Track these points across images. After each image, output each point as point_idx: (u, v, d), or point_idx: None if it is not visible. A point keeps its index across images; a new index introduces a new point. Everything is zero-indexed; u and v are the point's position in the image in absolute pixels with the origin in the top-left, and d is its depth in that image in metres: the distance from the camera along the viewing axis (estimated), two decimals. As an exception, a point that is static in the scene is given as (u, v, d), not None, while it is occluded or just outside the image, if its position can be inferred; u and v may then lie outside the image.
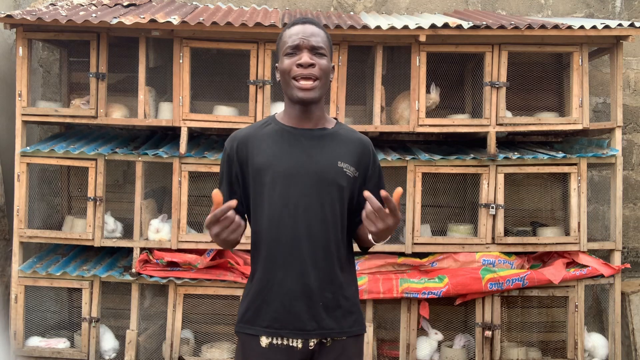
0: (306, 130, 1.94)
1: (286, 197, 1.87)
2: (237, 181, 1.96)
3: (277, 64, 1.96)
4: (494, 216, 3.80)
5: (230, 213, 1.73)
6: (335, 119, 2.07)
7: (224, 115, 3.87)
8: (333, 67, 1.98)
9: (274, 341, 1.88)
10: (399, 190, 1.72)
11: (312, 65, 1.86)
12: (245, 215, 2.00)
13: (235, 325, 1.97)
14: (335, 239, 1.90)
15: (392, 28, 3.64)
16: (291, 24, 1.93)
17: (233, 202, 1.73)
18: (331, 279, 1.90)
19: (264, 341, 1.89)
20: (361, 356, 2.00)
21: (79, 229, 3.86)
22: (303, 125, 1.95)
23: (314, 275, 1.87)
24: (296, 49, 1.87)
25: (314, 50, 1.87)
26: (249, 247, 3.84)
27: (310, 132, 1.94)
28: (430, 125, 3.84)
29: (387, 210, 1.71)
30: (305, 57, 1.86)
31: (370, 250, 3.83)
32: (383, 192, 1.70)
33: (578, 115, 3.84)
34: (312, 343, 1.88)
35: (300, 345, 1.88)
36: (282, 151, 1.91)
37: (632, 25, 3.71)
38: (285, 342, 1.88)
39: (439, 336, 3.89)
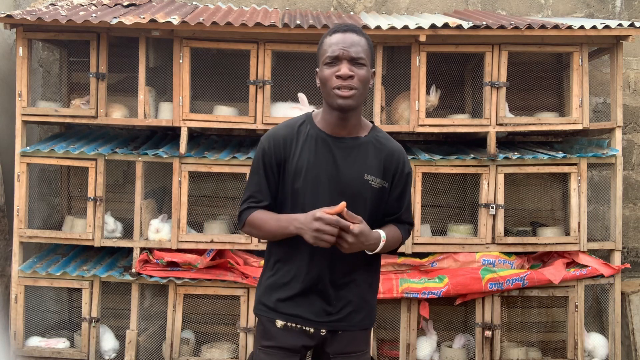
0: (339, 140, 2.04)
1: (312, 205, 1.98)
2: (273, 177, 2.07)
3: (317, 70, 2.05)
4: (494, 216, 3.80)
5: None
6: (372, 122, 2.15)
7: (224, 115, 3.87)
8: (374, 72, 2.07)
9: (288, 323, 2.07)
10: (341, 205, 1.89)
11: (351, 77, 1.93)
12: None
13: (254, 307, 2.16)
14: None
15: (392, 28, 3.64)
16: (332, 31, 2.00)
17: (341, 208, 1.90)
18: (346, 277, 2.06)
19: (279, 323, 2.07)
20: (369, 343, 2.18)
21: (79, 229, 3.86)
22: (338, 132, 2.04)
23: (330, 273, 2.04)
24: (336, 59, 1.95)
25: (353, 61, 1.94)
26: (249, 247, 3.83)
27: (343, 142, 2.04)
28: (430, 125, 3.84)
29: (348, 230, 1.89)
30: (344, 69, 1.93)
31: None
32: (344, 209, 1.89)
33: (578, 115, 3.84)
34: (323, 331, 2.07)
35: (312, 331, 2.06)
36: (315, 159, 2.02)
37: (632, 25, 3.71)
38: (298, 326, 2.06)
39: (435, 337, 3.90)
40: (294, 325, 2.06)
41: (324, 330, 2.06)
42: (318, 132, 2.05)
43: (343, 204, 1.90)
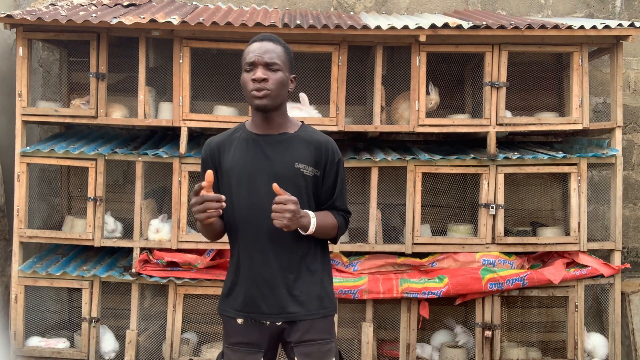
0: (267, 136, 2.18)
1: (250, 197, 2.13)
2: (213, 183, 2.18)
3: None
4: (494, 216, 3.80)
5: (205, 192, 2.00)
6: (302, 122, 2.29)
7: (224, 115, 3.87)
8: (293, 77, 2.22)
9: (248, 320, 2.17)
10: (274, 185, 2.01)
11: (264, 79, 2.10)
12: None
13: (217, 307, 2.27)
14: (296, 232, 2.11)
15: (392, 28, 3.63)
16: (252, 41, 2.18)
17: (209, 178, 2.00)
18: (292, 268, 2.15)
19: (239, 320, 2.18)
20: (332, 333, 2.24)
21: (79, 229, 3.86)
22: (266, 131, 2.19)
23: (276, 265, 2.13)
24: (252, 65, 2.12)
25: (267, 66, 2.11)
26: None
27: (271, 138, 2.18)
28: (430, 125, 3.84)
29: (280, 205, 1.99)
30: (258, 73, 2.10)
31: (370, 250, 3.84)
32: (274, 185, 2.00)
33: (578, 115, 3.84)
34: (279, 322, 2.16)
35: (269, 323, 2.16)
36: (246, 156, 2.16)
37: (632, 25, 3.71)
38: (256, 320, 2.17)
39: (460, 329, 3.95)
40: (252, 320, 2.16)
41: (279, 322, 2.15)
42: (248, 134, 2.20)
43: (209, 172, 2.01)
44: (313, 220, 2.10)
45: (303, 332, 2.15)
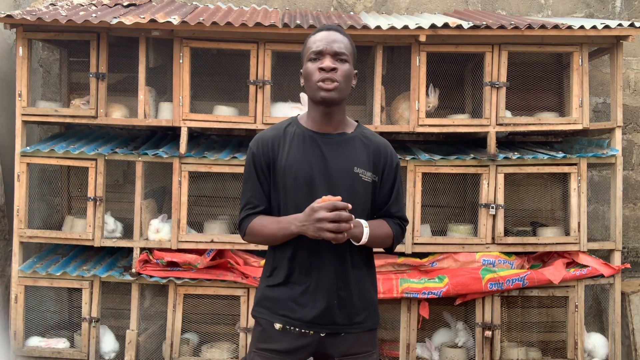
0: (326, 135, 2.05)
1: (305, 201, 1.97)
2: (265, 180, 2.07)
3: (302, 70, 2.06)
4: (494, 216, 3.80)
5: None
6: (357, 121, 2.16)
7: (224, 115, 3.87)
8: (356, 73, 2.09)
9: (287, 326, 2.04)
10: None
11: (334, 69, 1.96)
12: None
13: (252, 310, 2.13)
14: (348, 243, 2.00)
15: (392, 28, 3.63)
16: (317, 31, 2.05)
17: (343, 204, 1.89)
18: (345, 278, 2.03)
19: (277, 325, 2.05)
20: (375, 346, 2.14)
21: (79, 229, 3.86)
22: (324, 129, 2.06)
23: (329, 273, 2.02)
24: (319, 54, 1.99)
25: (336, 55, 1.98)
26: (249, 247, 3.83)
27: (330, 137, 2.05)
28: (430, 125, 3.84)
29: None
30: (327, 62, 1.96)
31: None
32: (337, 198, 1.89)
33: (578, 115, 3.84)
34: (323, 333, 2.03)
35: (312, 333, 2.03)
36: (303, 156, 2.03)
37: (632, 25, 3.71)
38: (297, 329, 2.03)
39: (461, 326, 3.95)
40: (292, 328, 2.03)
41: (323, 333, 2.03)
42: (305, 130, 2.06)
43: (337, 197, 1.91)
44: (366, 230, 1.98)
45: (348, 346, 2.05)
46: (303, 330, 2.03)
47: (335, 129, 2.06)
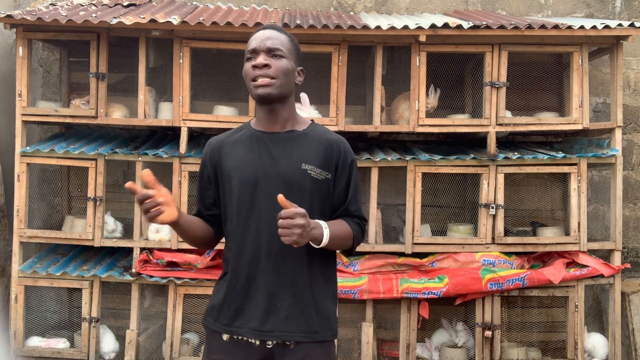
0: (273, 134, 1.99)
1: (252, 202, 1.93)
2: (210, 185, 2.05)
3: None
4: (494, 216, 3.80)
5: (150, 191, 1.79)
6: (312, 120, 2.10)
7: (224, 115, 3.87)
8: (301, 70, 2.03)
9: (234, 336, 1.94)
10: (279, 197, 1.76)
11: (266, 65, 1.91)
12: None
13: (202, 318, 2.04)
14: (303, 246, 1.88)
15: (392, 28, 3.63)
16: (255, 32, 2.01)
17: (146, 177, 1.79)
18: (294, 282, 1.92)
19: (225, 336, 1.95)
20: None
21: (79, 229, 3.86)
22: (271, 128, 2.00)
23: (274, 278, 1.91)
24: (254, 53, 1.95)
25: (270, 52, 1.93)
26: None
27: (277, 135, 1.99)
28: (430, 125, 3.84)
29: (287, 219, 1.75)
30: (259, 59, 1.92)
31: (370, 250, 3.83)
32: (279, 197, 1.75)
33: (578, 115, 3.84)
34: (270, 343, 1.91)
35: (257, 343, 1.91)
36: (249, 156, 1.97)
37: (632, 25, 3.71)
38: (244, 338, 1.93)
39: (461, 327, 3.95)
40: (239, 337, 1.92)
41: (270, 343, 1.90)
42: (253, 132, 2.02)
43: (279, 195, 1.77)
44: (326, 230, 1.85)
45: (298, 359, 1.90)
46: (250, 340, 1.92)
47: (283, 127, 1.99)
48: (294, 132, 2.00)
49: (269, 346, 1.91)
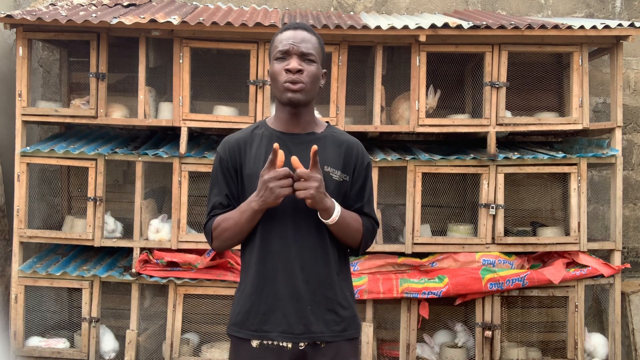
0: (294, 135, 1.98)
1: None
2: (233, 184, 2.00)
3: (268, 69, 2.00)
4: (494, 216, 3.80)
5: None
6: (328, 122, 2.10)
7: (224, 115, 3.87)
8: (324, 73, 2.02)
9: (264, 341, 1.92)
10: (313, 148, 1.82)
11: (300, 71, 1.90)
12: None
13: (227, 327, 2.02)
14: (323, 243, 1.94)
15: (392, 28, 3.64)
16: (284, 29, 1.98)
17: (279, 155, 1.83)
18: (320, 282, 1.93)
19: (254, 342, 1.93)
20: (358, 356, 2.04)
21: (79, 229, 3.86)
22: (292, 129, 1.99)
23: (302, 279, 1.91)
24: (286, 54, 1.92)
25: (303, 56, 1.92)
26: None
27: (298, 137, 1.98)
28: (430, 125, 3.84)
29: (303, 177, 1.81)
30: (293, 63, 1.90)
31: (370, 250, 3.83)
32: (293, 158, 1.83)
33: (578, 115, 3.84)
34: (302, 344, 1.91)
35: (290, 346, 1.91)
36: None
37: (632, 25, 3.71)
38: (275, 343, 1.91)
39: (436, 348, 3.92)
40: (270, 342, 1.91)
41: (302, 344, 1.91)
42: (272, 132, 1.99)
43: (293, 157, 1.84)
44: (338, 207, 1.88)
45: (330, 358, 1.92)
46: (281, 344, 1.91)
47: (304, 129, 2.00)
48: (314, 134, 2.00)
49: (301, 348, 1.91)
